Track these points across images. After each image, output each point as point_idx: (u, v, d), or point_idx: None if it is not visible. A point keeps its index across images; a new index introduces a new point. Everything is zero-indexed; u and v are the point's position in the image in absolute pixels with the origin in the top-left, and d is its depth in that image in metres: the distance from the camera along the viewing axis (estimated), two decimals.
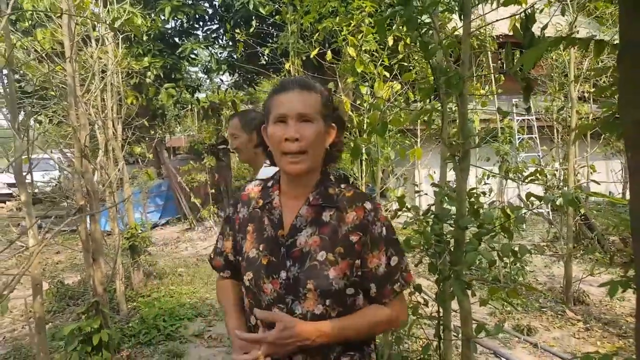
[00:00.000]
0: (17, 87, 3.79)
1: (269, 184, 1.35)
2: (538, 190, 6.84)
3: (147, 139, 7.53)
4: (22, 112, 5.20)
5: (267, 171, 2.34)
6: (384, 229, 1.22)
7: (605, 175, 10.08)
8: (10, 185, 12.48)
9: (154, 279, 6.02)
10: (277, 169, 2.43)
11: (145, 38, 7.00)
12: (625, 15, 1.64)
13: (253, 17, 6.73)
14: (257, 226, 1.29)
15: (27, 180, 2.67)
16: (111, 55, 4.75)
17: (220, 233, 1.43)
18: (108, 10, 4.63)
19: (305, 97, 1.20)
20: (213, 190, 10.45)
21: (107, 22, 3.91)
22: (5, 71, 2.62)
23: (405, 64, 4.26)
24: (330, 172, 1.31)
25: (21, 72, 4.69)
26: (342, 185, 1.27)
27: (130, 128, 5.60)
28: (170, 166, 10.47)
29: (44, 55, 3.98)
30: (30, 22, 5.90)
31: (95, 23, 4.45)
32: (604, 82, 7.24)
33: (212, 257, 1.45)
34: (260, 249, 1.25)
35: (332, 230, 1.20)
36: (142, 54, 7.65)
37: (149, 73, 7.48)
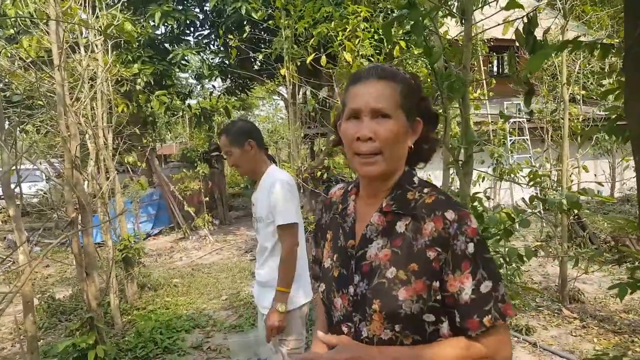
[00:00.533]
0: (2, 96, 3.71)
1: (350, 187, 1.22)
2: (532, 191, 6.87)
3: (138, 147, 7.44)
4: (7, 122, 5.10)
5: (273, 175, 2.30)
6: (470, 245, 0.98)
7: (594, 175, 10.20)
8: None
9: (149, 290, 5.92)
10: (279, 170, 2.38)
11: (134, 44, 6.92)
12: (628, 22, 1.62)
13: (245, 22, 6.69)
14: (334, 234, 1.19)
15: (15, 193, 2.61)
16: (101, 63, 4.68)
17: (313, 240, 1.32)
18: (97, 16, 4.56)
19: (381, 89, 1.04)
20: (207, 198, 10.36)
21: (100, 29, 3.84)
22: None
23: (400, 68, 4.25)
24: (412, 174, 1.12)
25: (6, 80, 4.59)
26: (426, 190, 1.07)
27: (121, 137, 5.52)
28: (162, 174, 10.36)
29: (30, 63, 3.89)
30: (14, 28, 5.80)
31: (84, 29, 4.37)
32: (591, 83, 7.33)
33: (311, 266, 1.35)
34: (334, 259, 1.15)
35: (407, 243, 1.02)
36: (132, 60, 7.55)
37: (139, 80, 7.39)
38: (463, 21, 2.15)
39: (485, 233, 2.15)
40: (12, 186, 2.71)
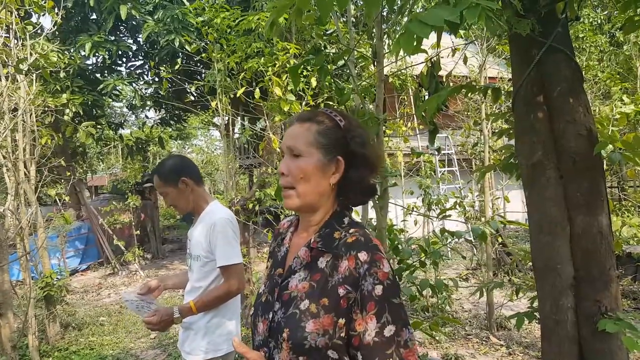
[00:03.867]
0: None
1: (294, 220, 1.28)
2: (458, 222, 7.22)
3: (63, 180, 7.10)
4: None
5: (215, 212, 2.22)
6: (378, 287, 1.01)
7: (521, 204, 10.81)
8: None
9: (73, 330, 5.59)
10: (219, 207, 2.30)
11: (62, 75, 6.69)
12: (515, 68, 1.81)
13: (179, 54, 6.70)
14: (272, 262, 1.25)
15: None
16: (23, 94, 4.49)
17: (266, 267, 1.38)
18: (20, 47, 4.40)
19: (296, 130, 1.14)
20: (138, 232, 9.97)
21: (13, 65, 3.71)
22: None
23: (331, 102, 4.41)
24: (345, 214, 1.16)
25: None
26: (352, 230, 1.12)
27: (45, 168, 5.26)
28: (91, 207, 9.89)
29: None
30: None
31: (6, 59, 4.20)
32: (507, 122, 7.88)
33: None
34: (266, 285, 1.20)
35: (324, 278, 1.07)
36: (60, 90, 7.30)
37: (67, 110, 7.12)
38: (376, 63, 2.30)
39: (402, 264, 2.25)
40: None
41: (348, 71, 2.28)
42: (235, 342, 1.05)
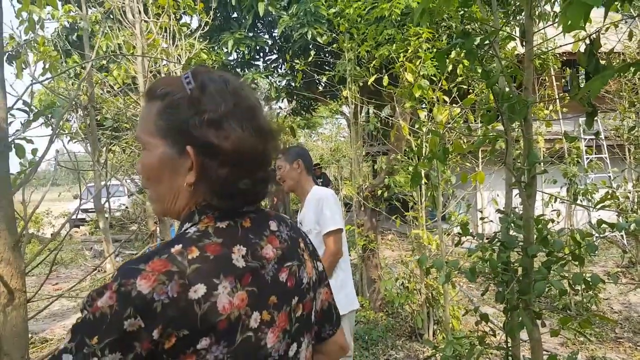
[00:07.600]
0: (95, 121, 4.12)
1: None
2: (610, 213, 6.45)
3: None
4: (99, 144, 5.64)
5: (318, 191, 2.59)
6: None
7: None
8: (83, 210, 13.28)
9: None
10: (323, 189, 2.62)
11: None
12: None
13: (311, 47, 6.97)
14: None
15: (105, 207, 2.89)
16: None
17: None
18: (176, 46, 4.97)
19: (142, 112, 0.83)
20: None
21: (179, 61, 4.22)
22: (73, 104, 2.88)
23: (465, 86, 4.24)
24: (193, 219, 0.81)
25: (98, 106, 5.10)
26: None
27: None
28: None
29: (118, 90, 4.33)
30: (106, 61, 6.44)
31: (165, 58, 4.78)
32: None
33: None
34: None
35: None
36: None
37: None
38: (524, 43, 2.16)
39: (551, 257, 2.11)
40: (102, 201, 3.00)
41: (481, 52, 2.18)
42: None
